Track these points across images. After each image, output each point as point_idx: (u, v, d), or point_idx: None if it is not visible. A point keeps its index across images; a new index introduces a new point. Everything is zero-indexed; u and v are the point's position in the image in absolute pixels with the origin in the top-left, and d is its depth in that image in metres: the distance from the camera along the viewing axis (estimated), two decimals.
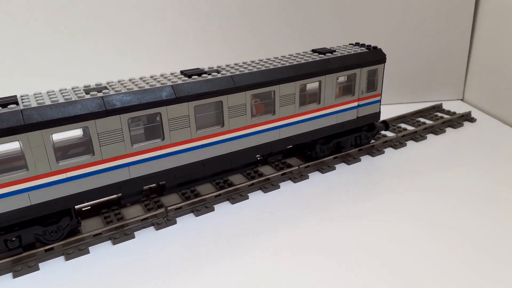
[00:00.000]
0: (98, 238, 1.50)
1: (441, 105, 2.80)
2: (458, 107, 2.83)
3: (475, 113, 2.68)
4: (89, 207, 1.66)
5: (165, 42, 2.59)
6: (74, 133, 1.39)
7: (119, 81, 1.53)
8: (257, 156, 1.84)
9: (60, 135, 1.35)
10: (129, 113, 1.40)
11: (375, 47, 2.02)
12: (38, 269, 1.37)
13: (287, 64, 1.75)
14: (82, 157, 1.38)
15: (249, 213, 1.66)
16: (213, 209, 1.68)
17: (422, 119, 2.61)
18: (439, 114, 2.68)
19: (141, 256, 1.42)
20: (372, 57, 1.97)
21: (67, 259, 1.42)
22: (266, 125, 1.74)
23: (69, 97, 1.35)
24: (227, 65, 1.75)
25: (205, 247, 1.46)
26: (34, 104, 1.29)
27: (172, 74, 1.63)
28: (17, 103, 1.29)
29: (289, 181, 1.90)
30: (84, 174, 1.39)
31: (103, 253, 1.45)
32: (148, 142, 1.49)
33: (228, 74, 1.62)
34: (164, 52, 2.59)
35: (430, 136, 2.38)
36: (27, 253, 1.38)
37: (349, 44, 2.14)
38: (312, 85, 1.85)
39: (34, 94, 1.39)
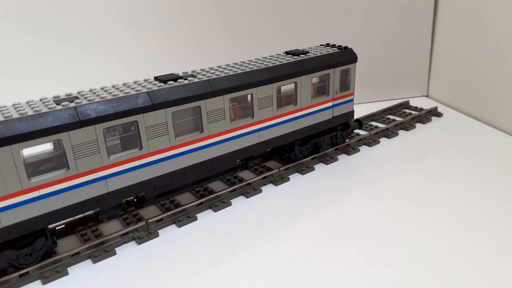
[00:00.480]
0: (76, 258, 1.41)
1: (408, 102, 2.88)
2: (424, 103, 2.91)
3: (440, 108, 2.77)
4: (63, 226, 1.56)
5: (136, 49, 2.50)
6: (45, 147, 1.31)
7: (90, 90, 1.46)
8: (237, 161, 1.80)
9: (31, 150, 1.26)
10: (104, 122, 1.33)
11: (346, 47, 2.03)
12: None
13: (263, 66, 1.73)
14: (56, 172, 1.29)
15: (233, 220, 1.62)
16: (195, 219, 1.63)
17: (391, 116, 2.67)
18: (407, 111, 2.75)
19: (124, 274, 1.34)
20: (344, 57, 1.99)
21: (44, 283, 1.32)
22: (245, 129, 1.71)
23: (38, 109, 1.26)
24: (202, 70, 1.71)
25: (190, 259, 1.40)
26: (0, 117, 1.20)
27: (146, 80, 1.57)
28: None
29: (271, 184, 1.88)
30: (59, 191, 1.30)
31: (83, 273, 1.36)
32: (125, 152, 1.42)
33: (205, 78, 1.57)
34: (136, 59, 2.51)
35: (401, 132, 2.43)
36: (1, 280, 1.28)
37: (320, 45, 2.15)
38: (287, 87, 1.83)
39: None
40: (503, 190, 1.72)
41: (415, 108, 2.78)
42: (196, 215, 1.65)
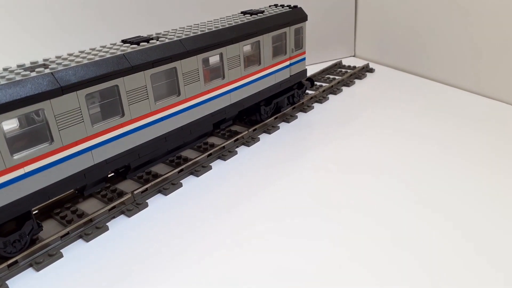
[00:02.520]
0: (67, 239, 1.30)
1: (341, 61, 3.05)
2: (354, 62, 3.11)
3: (370, 65, 2.99)
4: (36, 211, 1.42)
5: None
6: (18, 120, 1.17)
7: (57, 57, 1.32)
8: (212, 124, 1.77)
9: (9, 124, 1.12)
10: (86, 88, 1.23)
11: (295, 6, 2.09)
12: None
13: (228, 25, 1.71)
14: (40, 146, 1.17)
15: (218, 181, 1.61)
16: (181, 185, 1.59)
17: (331, 76, 2.81)
18: (343, 70, 2.91)
19: (123, 247, 1.27)
20: (297, 15, 2.04)
21: (38, 269, 1.20)
22: (218, 90, 1.69)
23: (11, 77, 1.12)
24: (167, 31, 1.64)
25: (190, 217, 1.39)
26: None
27: (114, 44, 1.46)
28: None
29: (243, 146, 1.89)
30: (44, 166, 1.18)
31: (78, 253, 1.27)
32: (107, 120, 1.33)
33: (176, 38, 1.52)
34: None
35: (344, 89, 2.58)
36: None
37: (269, 6, 2.17)
38: (245, 48, 1.83)
39: None
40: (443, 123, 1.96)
41: (349, 67, 2.96)
42: (180, 181, 1.60)
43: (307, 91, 2.47)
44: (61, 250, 1.26)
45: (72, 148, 1.23)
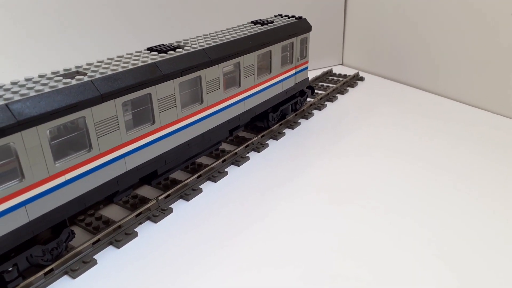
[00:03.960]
0: (98, 246, 1.30)
1: (331, 70, 3.15)
2: (342, 70, 3.22)
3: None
4: None
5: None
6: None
7: (89, 64, 1.33)
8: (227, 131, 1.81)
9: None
10: (122, 96, 1.24)
11: (300, 17, 2.16)
12: None
13: (243, 35, 1.76)
14: (79, 154, 1.17)
15: (235, 185, 1.65)
16: (201, 190, 1.62)
17: (324, 84, 2.90)
18: (335, 78, 3.01)
19: (154, 252, 1.30)
20: (302, 26, 2.11)
21: (74, 277, 1.20)
22: (234, 98, 1.73)
23: (54, 84, 1.12)
24: (187, 40, 1.66)
25: (216, 224, 1.43)
26: (16, 96, 1.04)
27: (140, 52, 1.48)
28: None
29: (253, 151, 1.94)
30: (83, 174, 1.19)
31: (111, 260, 1.27)
32: (140, 127, 1.34)
33: (199, 48, 1.55)
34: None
35: (339, 96, 2.68)
36: (24, 283, 1.13)
37: (275, 16, 2.24)
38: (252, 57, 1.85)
39: (2, 86, 1.10)
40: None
41: (339, 75, 3.06)
42: (200, 186, 1.63)
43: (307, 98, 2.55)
44: (93, 257, 1.27)
45: (108, 155, 1.25)
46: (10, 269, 1.09)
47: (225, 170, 1.76)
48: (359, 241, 1.32)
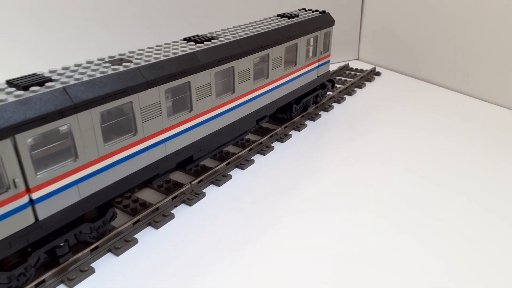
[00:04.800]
0: (138, 226, 1.37)
1: (348, 64, 3.20)
2: (358, 65, 3.27)
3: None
4: None
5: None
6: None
7: (131, 52, 1.38)
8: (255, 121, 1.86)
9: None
10: (165, 83, 1.30)
11: (324, 11, 2.21)
12: (94, 271, 1.20)
13: (272, 28, 1.81)
14: (125, 137, 1.23)
15: (262, 173, 1.71)
16: (230, 177, 1.68)
17: (342, 78, 2.95)
18: (352, 72, 3.06)
19: (189, 233, 1.36)
20: (326, 20, 2.16)
21: (118, 254, 1.27)
22: (263, 89, 1.79)
23: (104, 70, 1.18)
24: (218, 32, 1.72)
25: (247, 206, 1.50)
26: (71, 80, 1.10)
27: (176, 42, 1.54)
28: (51, 80, 1.09)
29: (277, 142, 2.00)
30: (128, 156, 1.25)
31: (150, 240, 1.34)
32: (179, 114, 1.40)
33: (232, 39, 1.60)
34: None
35: (357, 90, 2.73)
36: (73, 258, 1.19)
37: (299, 9, 2.29)
38: (281, 49, 1.90)
39: (55, 71, 1.17)
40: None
41: (356, 70, 3.11)
42: (229, 173, 1.70)
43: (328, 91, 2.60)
44: (134, 236, 1.33)
45: (151, 139, 1.31)
46: (62, 244, 1.15)
47: (252, 158, 1.81)
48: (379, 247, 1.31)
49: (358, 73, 3.00)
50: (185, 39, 1.56)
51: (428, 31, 2.85)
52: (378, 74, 3.06)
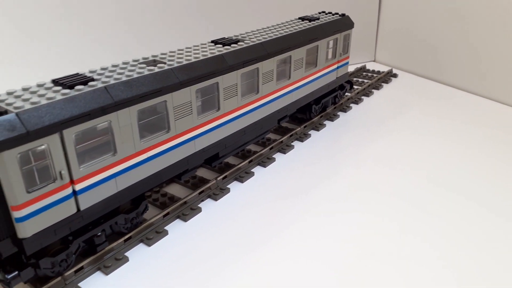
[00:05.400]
0: (168, 219, 1.44)
1: (365, 66, 3.24)
2: (375, 67, 3.31)
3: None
4: None
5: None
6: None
7: (163, 54, 1.46)
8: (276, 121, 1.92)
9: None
10: (196, 84, 1.37)
11: (343, 14, 2.26)
12: (127, 260, 1.28)
13: (294, 31, 1.87)
14: (159, 134, 1.31)
15: (283, 171, 1.78)
16: (253, 174, 1.75)
17: (359, 79, 3.00)
18: (369, 74, 3.11)
19: (216, 226, 1.43)
20: (346, 23, 2.22)
21: (149, 244, 1.35)
22: (284, 89, 1.85)
23: (140, 71, 1.26)
24: (243, 35, 1.78)
25: (269, 202, 1.56)
26: (112, 80, 1.18)
27: (204, 44, 1.61)
28: (93, 80, 1.17)
29: (296, 141, 2.06)
30: (161, 152, 1.33)
31: (179, 232, 1.41)
32: (208, 113, 1.47)
33: (257, 42, 1.67)
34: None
35: (375, 91, 2.78)
36: (109, 247, 1.27)
37: (319, 12, 2.34)
38: (302, 51, 1.96)
39: (95, 71, 1.25)
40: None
41: (373, 71, 3.16)
42: (252, 170, 1.76)
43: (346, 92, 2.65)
44: (164, 228, 1.41)
45: (182, 136, 1.38)
46: (100, 233, 1.23)
47: (273, 156, 1.88)
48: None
49: (375, 75, 3.05)
50: (212, 41, 1.63)
51: (445, 32, 2.88)
52: (395, 75, 3.10)
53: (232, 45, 1.58)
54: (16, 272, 1.05)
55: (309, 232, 1.40)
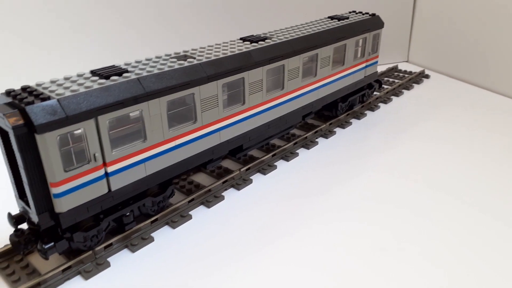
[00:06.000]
0: (192, 204, 1.53)
1: (397, 66, 3.23)
2: (407, 67, 3.28)
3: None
4: None
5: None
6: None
7: (194, 49, 1.55)
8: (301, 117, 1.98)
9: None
10: (223, 78, 1.45)
11: (373, 14, 2.28)
12: (152, 240, 1.38)
13: (322, 29, 1.92)
14: (186, 124, 1.40)
15: (305, 166, 1.83)
16: (275, 167, 1.81)
17: (390, 79, 2.99)
18: (400, 74, 3.09)
19: (239, 214, 1.50)
20: (375, 22, 2.23)
21: (174, 227, 1.44)
22: (310, 86, 1.90)
23: (171, 64, 1.35)
24: (271, 33, 1.84)
25: (289, 195, 1.61)
26: (144, 73, 1.28)
27: (233, 41, 1.68)
28: (127, 72, 1.26)
29: (321, 137, 2.10)
30: (188, 141, 1.41)
31: (202, 217, 1.49)
32: (233, 107, 1.55)
33: (284, 39, 1.73)
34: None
35: (405, 91, 2.77)
36: (136, 227, 1.37)
37: (349, 12, 2.37)
38: (329, 49, 1.98)
39: (130, 64, 1.34)
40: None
41: (405, 71, 3.14)
42: (275, 163, 1.83)
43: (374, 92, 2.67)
44: (189, 213, 1.50)
45: (208, 128, 1.46)
46: (128, 214, 1.33)
47: (296, 151, 1.93)
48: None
49: (406, 75, 3.03)
50: (241, 38, 1.70)
51: (483, 34, 2.82)
52: (427, 76, 3.07)
53: (260, 42, 1.65)
54: (52, 243, 1.16)
55: (320, 232, 1.44)
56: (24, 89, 1.13)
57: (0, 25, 2.23)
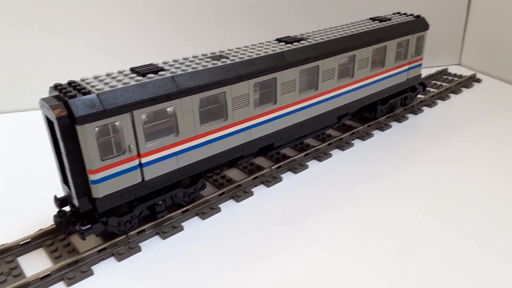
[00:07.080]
0: (222, 198, 1.60)
1: (446, 69, 3.11)
2: (459, 71, 3.15)
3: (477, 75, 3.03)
4: None
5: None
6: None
7: (229, 50, 1.61)
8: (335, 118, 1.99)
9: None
10: (255, 78, 1.50)
11: (418, 16, 2.23)
12: (182, 229, 1.46)
13: (360, 31, 1.91)
14: (218, 121, 1.46)
15: (338, 166, 1.83)
16: (307, 167, 1.83)
17: (437, 82, 2.90)
18: (449, 77, 2.99)
19: (266, 210, 1.54)
20: (420, 24, 2.18)
21: (203, 218, 1.51)
22: (346, 88, 1.90)
23: (205, 64, 1.42)
24: (308, 33, 1.87)
25: (319, 196, 1.63)
26: (179, 71, 1.36)
27: (269, 42, 1.73)
28: (163, 70, 1.35)
29: (357, 139, 2.09)
30: (219, 137, 1.48)
31: (231, 211, 1.55)
32: (264, 106, 1.60)
33: (320, 40, 1.75)
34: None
35: (452, 96, 2.68)
36: (168, 216, 1.46)
37: (393, 13, 2.34)
38: (368, 51, 1.96)
39: (167, 62, 1.43)
40: None
41: (455, 75, 3.02)
42: (306, 163, 1.85)
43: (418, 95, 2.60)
44: (218, 206, 1.57)
45: (239, 125, 1.52)
46: (160, 203, 1.42)
47: (330, 152, 1.95)
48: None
49: (455, 79, 2.92)
50: (277, 39, 1.75)
51: None
52: (478, 81, 2.94)
53: (294, 43, 1.68)
54: (89, 226, 1.27)
55: (348, 235, 1.46)
56: (70, 83, 1.25)
57: (61, 30, 2.45)
